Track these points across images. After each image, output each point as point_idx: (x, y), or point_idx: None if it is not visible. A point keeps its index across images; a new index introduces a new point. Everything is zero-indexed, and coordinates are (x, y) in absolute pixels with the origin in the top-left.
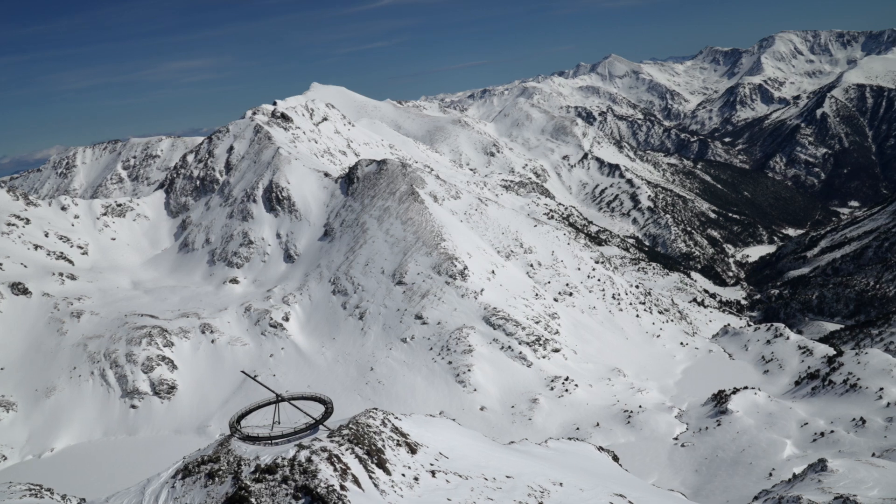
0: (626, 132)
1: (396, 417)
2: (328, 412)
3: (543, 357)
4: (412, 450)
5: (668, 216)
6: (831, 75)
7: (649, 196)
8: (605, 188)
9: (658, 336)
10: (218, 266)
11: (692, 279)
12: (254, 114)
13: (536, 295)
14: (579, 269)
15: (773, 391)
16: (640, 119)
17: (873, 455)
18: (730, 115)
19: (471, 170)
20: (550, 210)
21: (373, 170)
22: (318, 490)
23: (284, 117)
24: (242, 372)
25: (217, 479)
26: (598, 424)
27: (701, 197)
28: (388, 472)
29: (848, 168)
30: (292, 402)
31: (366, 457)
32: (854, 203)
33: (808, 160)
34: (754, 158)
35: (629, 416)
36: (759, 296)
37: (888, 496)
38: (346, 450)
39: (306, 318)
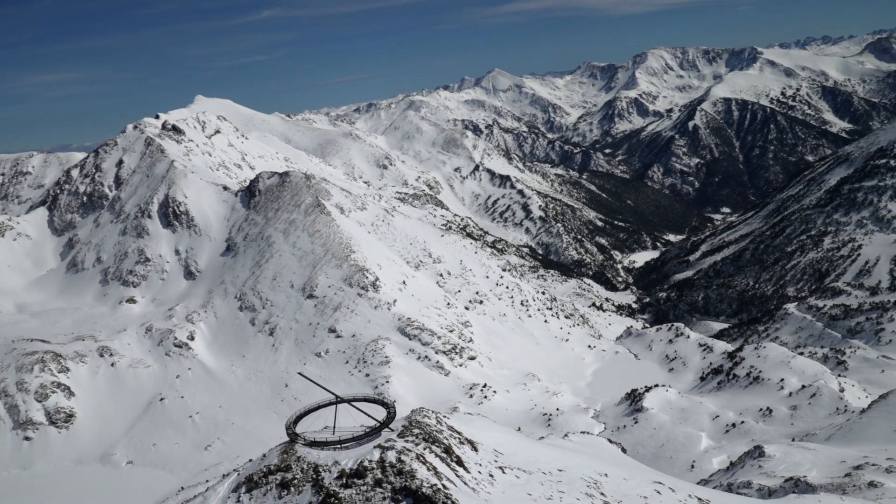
0: (513, 144)
1: (445, 416)
2: (391, 414)
3: (460, 365)
4: (474, 447)
5: (559, 225)
6: (700, 90)
7: (540, 206)
8: (498, 199)
9: (567, 340)
10: (112, 285)
11: (588, 285)
12: (135, 127)
13: (448, 304)
14: (488, 277)
15: (680, 388)
16: (525, 132)
17: (793, 440)
18: (609, 128)
19: (364, 182)
20: (448, 221)
21: (275, 182)
22: (423, 491)
23: (176, 129)
24: (300, 374)
25: (293, 488)
26: (519, 429)
27: (588, 206)
28: (467, 471)
29: (719, 176)
30: (352, 403)
31: (445, 455)
32: (726, 209)
33: (683, 170)
34: (634, 168)
35: (549, 419)
36: (648, 299)
37: (826, 475)
38: (425, 449)
39: (213, 337)
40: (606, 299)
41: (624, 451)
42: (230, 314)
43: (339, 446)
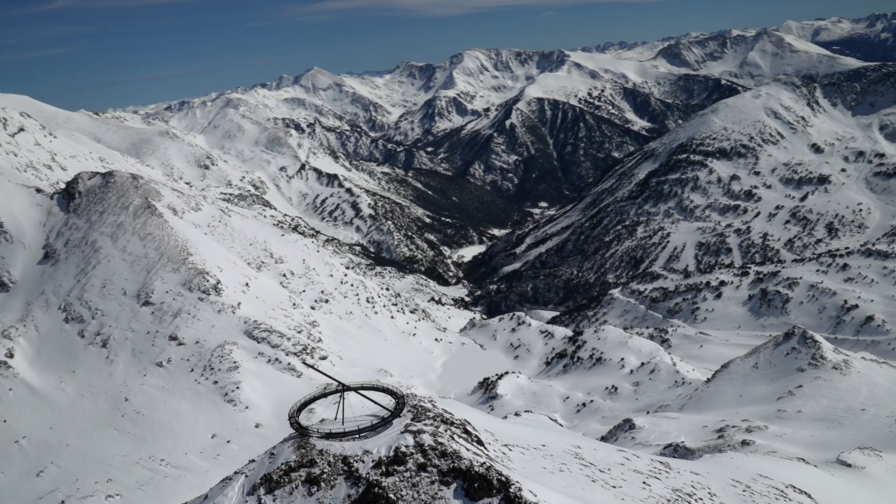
0: (336, 143)
1: (432, 399)
2: (401, 402)
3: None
4: (473, 428)
5: (389, 223)
6: (514, 90)
7: (370, 204)
8: (326, 198)
9: (414, 335)
10: None
11: (425, 281)
12: None
13: (294, 304)
14: (332, 275)
15: (528, 373)
16: (347, 130)
17: (647, 412)
18: (430, 126)
19: (186, 183)
20: (279, 222)
21: (97, 183)
22: (476, 470)
23: None
24: (304, 363)
25: (323, 483)
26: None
27: (415, 203)
28: (487, 449)
29: (536, 173)
30: (359, 392)
31: (466, 436)
32: (543, 204)
33: (502, 166)
34: (456, 166)
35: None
36: (479, 292)
37: (697, 440)
38: (445, 431)
39: (36, 353)
40: (444, 294)
41: (560, 425)
42: (54, 327)
43: (357, 436)
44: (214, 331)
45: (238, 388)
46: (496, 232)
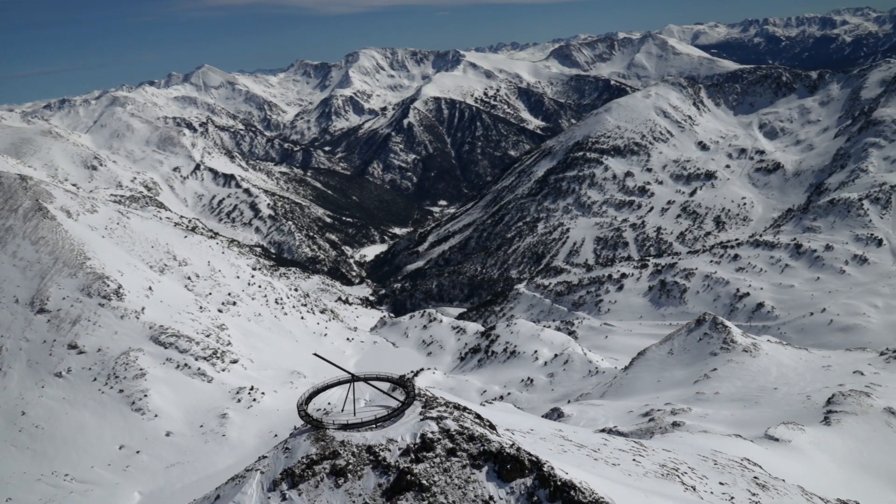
0: (230, 143)
1: (429, 389)
2: (412, 392)
3: (223, 370)
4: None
5: (290, 223)
6: (411, 89)
7: (269, 204)
8: (223, 199)
9: (325, 335)
10: None
11: (332, 281)
12: None
13: (201, 308)
14: (238, 277)
15: (443, 369)
16: (242, 130)
17: (569, 401)
18: (327, 126)
19: (73, 185)
20: (175, 224)
21: None
22: (507, 451)
23: None
24: (315, 354)
25: (350, 474)
26: (295, 427)
27: (316, 203)
28: (498, 434)
29: (434, 171)
30: (368, 381)
31: (479, 420)
32: (443, 202)
33: (401, 165)
34: (354, 165)
35: (325, 415)
36: (384, 291)
37: (627, 424)
38: (460, 416)
39: None
40: (350, 295)
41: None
42: None
43: (374, 426)
44: (118, 337)
45: (146, 395)
46: (397, 231)
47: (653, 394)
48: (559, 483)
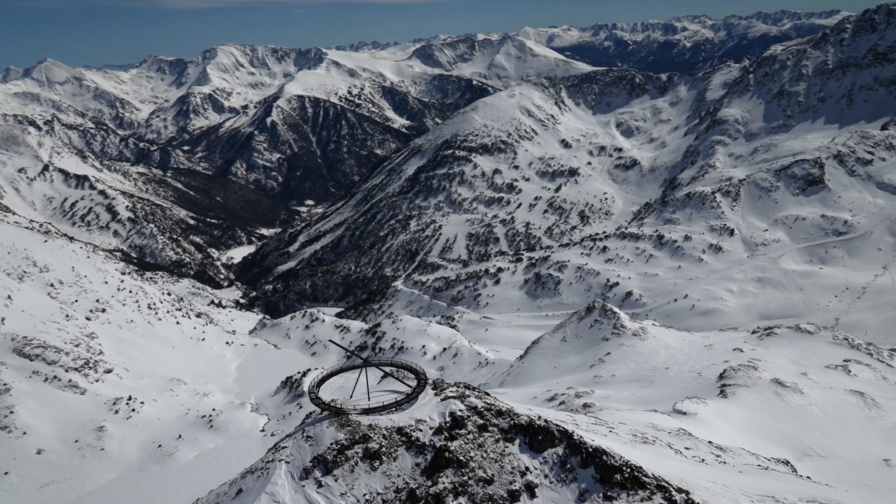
0: (80, 142)
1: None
2: (423, 379)
3: (97, 381)
4: None
5: (151, 226)
6: (273, 87)
7: (128, 207)
8: (77, 201)
9: (203, 339)
10: None
11: (202, 285)
12: None
13: (67, 316)
14: (107, 282)
15: (331, 368)
16: (92, 128)
17: None
18: (185, 124)
19: None
20: (24, 230)
21: None
22: (537, 423)
23: None
24: (331, 341)
25: (384, 457)
26: (180, 436)
27: (178, 204)
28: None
29: (301, 171)
30: (380, 367)
31: (489, 397)
32: (310, 202)
33: (265, 165)
34: (216, 165)
35: (210, 421)
36: (255, 293)
37: (536, 408)
38: (481, 394)
39: None
40: (222, 298)
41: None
42: None
43: (395, 408)
44: None
45: (11, 412)
46: (265, 231)
47: (552, 380)
48: (590, 450)
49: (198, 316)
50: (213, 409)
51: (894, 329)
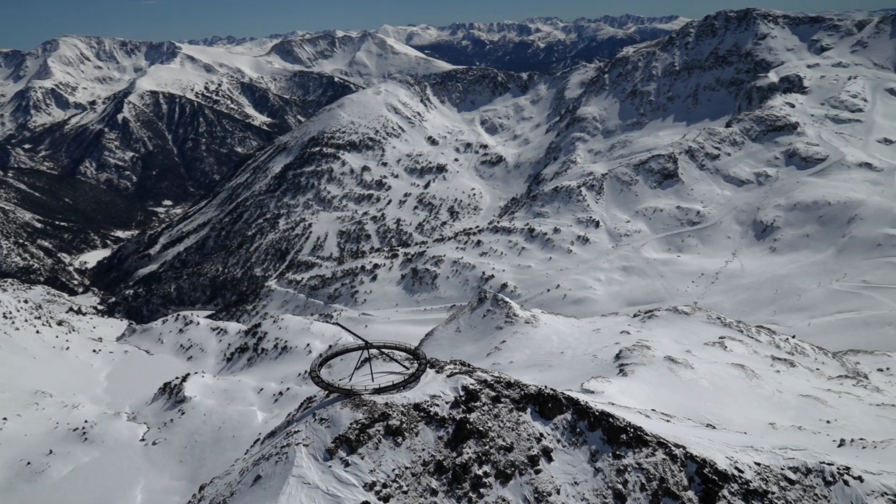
0: None
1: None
2: (423, 357)
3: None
4: None
5: None
6: (122, 82)
7: None
8: None
9: (67, 348)
10: None
11: (58, 292)
12: None
13: None
14: None
15: (211, 371)
16: None
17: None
18: (25, 121)
19: None
20: None
21: None
22: (546, 392)
23: None
24: (337, 324)
25: (406, 433)
26: (51, 452)
27: (22, 207)
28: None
29: (156, 170)
30: (382, 350)
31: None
32: (168, 202)
33: (118, 164)
34: (63, 164)
35: (83, 434)
36: (114, 298)
37: None
38: (483, 370)
39: None
40: (80, 305)
41: None
42: None
43: (404, 387)
44: None
45: None
46: (121, 234)
47: None
48: (596, 414)
49: (59, 324)
50: (86, 421)
51: (746, 310)
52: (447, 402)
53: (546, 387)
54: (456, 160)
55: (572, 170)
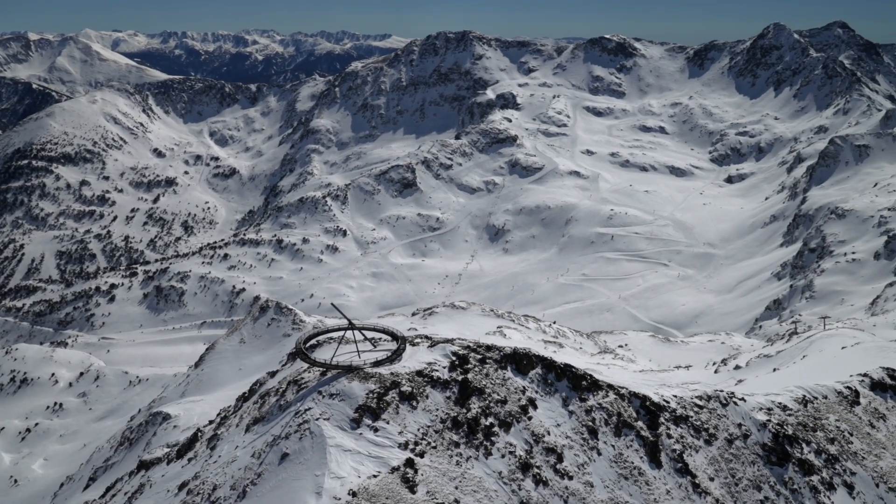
0: None
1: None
2: (401, 335)
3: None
4: None
5: None
6: None
7: None
8: None
9: None
10: None
11: None
12: None
13: None
14: None
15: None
16: None
17: (166, 401)
18: None
19: None
20: None
21: None
22: (521, 351)
23: None
24: (332, 305)
25: (418, 397)
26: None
27: None
28: None
29: None
30: (363, 330)
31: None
32: None
33: None
34: None
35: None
36: None
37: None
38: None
39: None
40: None
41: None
42: None
43: (397, 358)
44: None
45: None
46: None
47: (240, 381)
48: (561, 367)
49: None
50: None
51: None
52: (444, 367)
53: (517, 348)
54: (186, 173)
55: (310, 181)
